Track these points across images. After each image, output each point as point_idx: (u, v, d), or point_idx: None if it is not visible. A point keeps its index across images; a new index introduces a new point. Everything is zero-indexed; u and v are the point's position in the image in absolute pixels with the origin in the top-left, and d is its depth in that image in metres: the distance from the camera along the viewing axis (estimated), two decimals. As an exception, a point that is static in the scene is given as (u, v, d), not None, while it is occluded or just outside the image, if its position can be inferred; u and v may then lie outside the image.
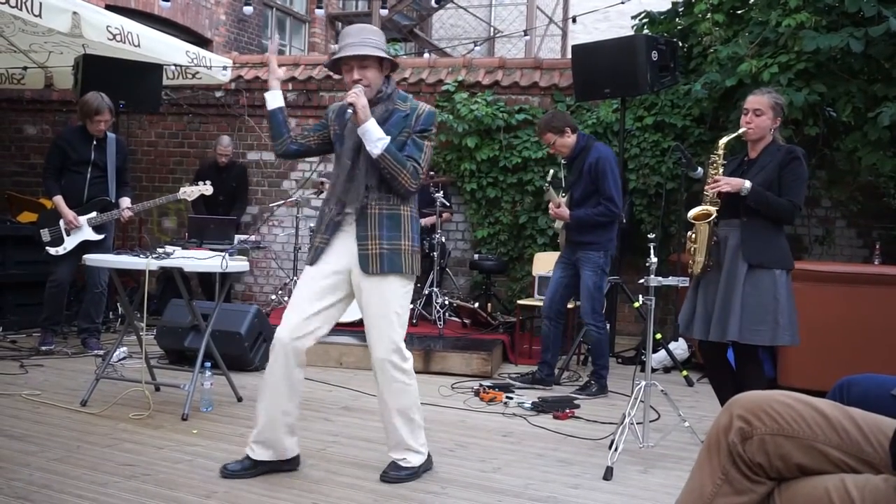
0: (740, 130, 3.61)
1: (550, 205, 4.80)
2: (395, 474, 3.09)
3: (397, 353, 3.04)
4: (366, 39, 3.05)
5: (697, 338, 3.73)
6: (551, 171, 4.98)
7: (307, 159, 7.48)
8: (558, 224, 4.92)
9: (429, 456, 3.21)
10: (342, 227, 3.12)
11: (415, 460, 3.12)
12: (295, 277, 6.37)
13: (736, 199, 3.52)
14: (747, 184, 3.46)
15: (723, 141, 3.65)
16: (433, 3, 10.96)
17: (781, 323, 3.45)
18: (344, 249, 3.09)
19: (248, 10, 7.04)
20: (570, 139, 4.72)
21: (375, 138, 2.99)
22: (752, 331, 3.46)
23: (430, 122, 3.15)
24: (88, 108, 5.27)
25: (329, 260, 3.11)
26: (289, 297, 6.38)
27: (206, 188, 5.18)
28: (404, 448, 3.12)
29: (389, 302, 3.04)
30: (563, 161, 4.86)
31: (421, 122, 3.12)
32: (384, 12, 9.25)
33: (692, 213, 3.59)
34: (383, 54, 3.07)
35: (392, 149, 3.00)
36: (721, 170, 3.60)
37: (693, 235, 3.60)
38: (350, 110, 2.97)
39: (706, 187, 3.59)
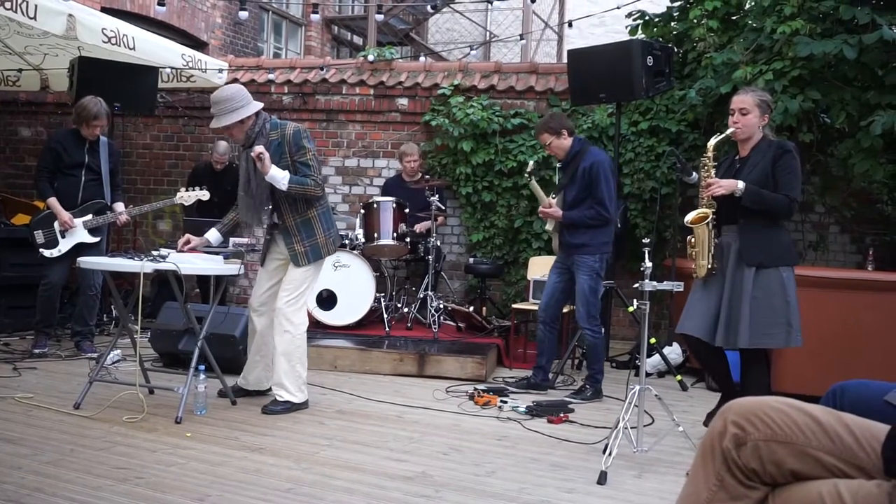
0: (728, 131, 3.62)
1: (541, 205, 4.82)
2: (271, 407, 4.02)
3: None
4: (223, 108, 3.85)
5: (694, 335, 3.69)
6: (531, 162, 4.99)
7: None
8: (549, 226, 4.93)
9: (306, 402, 4.10)
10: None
11: (287, 397, 4.03)
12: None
13: (732, 204, 3.52)
14: (740, 184, 3.47)
15: (712, 142, 3.65)
16: (429, 7, 10.96)
17: (794, 325, 3.44)
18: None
19: (243, 14, 7.03)
20: (566, 142, 4.73)
21: (279, 178, 3.87)
22: (764, 335, 3.44)
23: (299, 139, 3.99)
24: (87, 113, 5.25)
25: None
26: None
27: (204, 194, 5.16)
28: (278, 384, 4.05)
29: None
30: (557, 164, 4.88)
31: (293, 144, 3.97)
32: (380, 17, 9.25)
33: (689, 217, 3.58)
34: (235, 118, 3.86)
35: (294, 179, 3.90)
36: (713, 172, 3.59)
37: (693, 239, 3.59)
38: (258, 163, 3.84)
39: (701, 191, 3.60)
